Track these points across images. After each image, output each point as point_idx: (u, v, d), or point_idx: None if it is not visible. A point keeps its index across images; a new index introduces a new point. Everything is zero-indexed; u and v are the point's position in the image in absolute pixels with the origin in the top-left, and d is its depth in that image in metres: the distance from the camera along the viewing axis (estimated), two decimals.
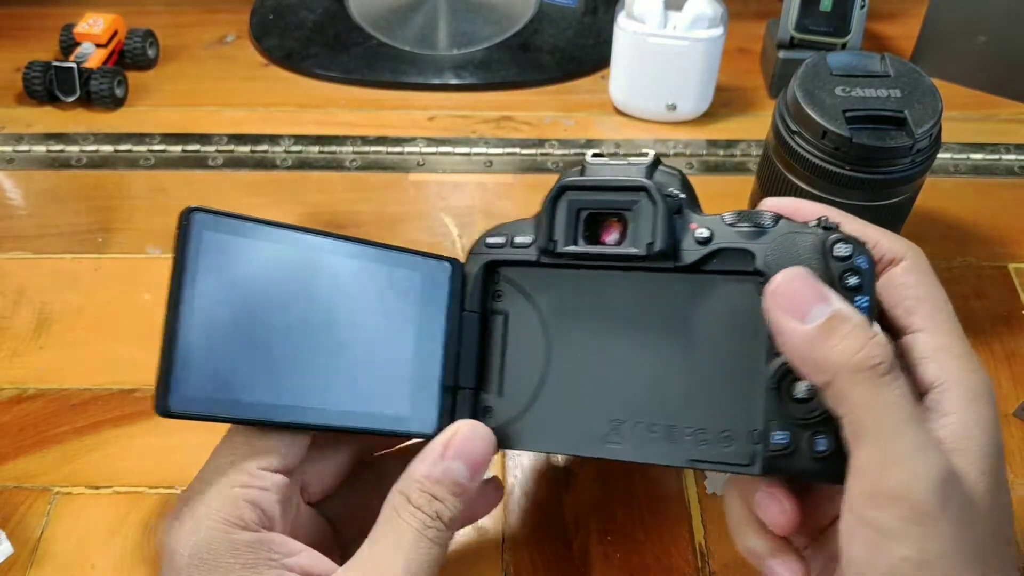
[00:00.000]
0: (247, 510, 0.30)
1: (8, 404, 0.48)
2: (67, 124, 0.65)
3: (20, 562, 0.42)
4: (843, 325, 0.27)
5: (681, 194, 0.34)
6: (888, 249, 0.32)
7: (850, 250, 0.30)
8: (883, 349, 0.27)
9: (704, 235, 0.32)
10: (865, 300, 0.30)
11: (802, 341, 0.28)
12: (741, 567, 0.42)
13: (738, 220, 0.32)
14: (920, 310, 0.31)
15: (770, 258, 0.31)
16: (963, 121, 0.66)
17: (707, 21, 0.60)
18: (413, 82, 0.69)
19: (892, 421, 0.26)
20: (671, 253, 0.33)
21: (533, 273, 0.36)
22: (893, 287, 0.31)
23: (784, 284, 0.28)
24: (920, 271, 0.32)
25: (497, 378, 0.36)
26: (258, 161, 0.63)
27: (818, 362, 0.27)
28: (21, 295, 0.53)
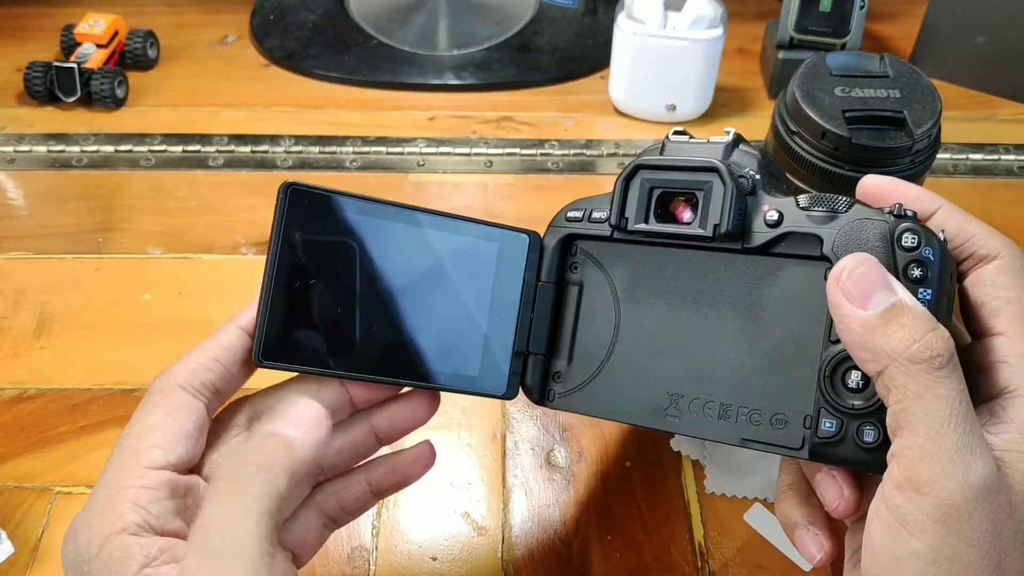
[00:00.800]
0: (129, 512, 0.29)
1: (9, 404, 0.48)
2: (68, 124, 0.65)
3: (21, 562, 0.42)
4: (904, 315, 0.27)
5: (756, 175, 0.34)
6: (982, 245, 0.31)
7: (917, 240, 0.29)
8: (943, 343, 0.27)
9: (774, 218, 0.32)
10: (928, 292, 0.29)
11: (861, 327, 0.27)
12: (741, 566, 0.42)
13: (812, 204, 0.32)
14: (1005, 312, 0.30)
15: (838, 244, 0.31)
16: (962, 121, 0.66)
17: (707, 21, 0.60)
18: (413, 82, 0.69)
19: (940, 415, 0.26)
20: (739, 235, 0.33)
21: (607, 247, 0.37)
22: (982, 285, 0.31)
23: (849, 269, 0.28)
24: (1013, 272, 0.30)
25: (568, 346, 0.38)
26: (259, 161, 0.63)
27: (875, 349, 0.27)
28: (22, 295, 0.54)
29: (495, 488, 0.45)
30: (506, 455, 0.46)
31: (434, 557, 0.42)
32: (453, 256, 0.36)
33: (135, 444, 0.30)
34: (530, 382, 0.38)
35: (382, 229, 0.35)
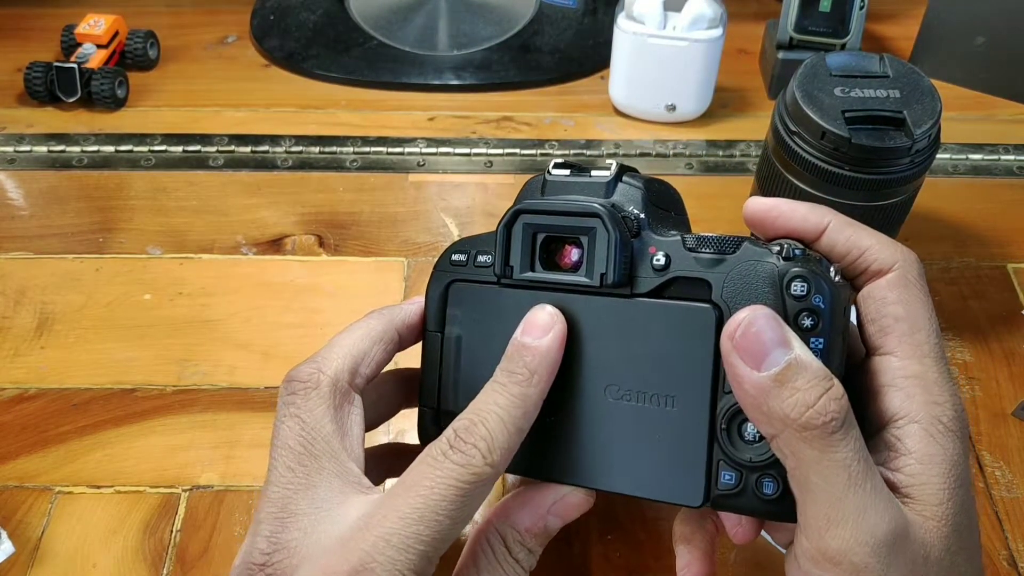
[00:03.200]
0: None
1: (9, 404, 0.48)
2: (68, 124, 0.65)
3: (21, 561, 0.42)
4: (798, 376, 0.26)
5: (641, 214, 0.32)
6: (876, 259, 0.30)
7: (807, 288, 0.28)
8: (836, 404, 0.26)
9: (661, 262, 0.31)
10: (820, 342, 0.28)
11: (755, 390, 0.26)
12: (740, 566, 0.42)
13: (699, 245, 0.30)
14: (895, 330, 0.29)
15: (727, 290, 0.29)
16: (962, 121, 0.66)
17: (706, 22, 0.60)
18: (413, 82, 0.69)
19: (838, 482, 0.25)
20: (625, 282, 0.31)
21: (494, 292, 0.34)
22: (873, 300, 0.30)
23: (743, 326, 0.27)
24: (904, 285, 0.29)
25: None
26: (259, 161, 0.63)
27: (768, 413, 0.26)
28: (22, 295, 0.54)
29: (495, 488, 0.45)
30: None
31: None
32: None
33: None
34: (423, 434, 0.36)
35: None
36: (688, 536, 0.33)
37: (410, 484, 0.28)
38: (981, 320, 0.53)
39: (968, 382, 0.50)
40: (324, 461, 0.30)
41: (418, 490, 0.28)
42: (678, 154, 0.64)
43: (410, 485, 0.28)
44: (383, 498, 0.29)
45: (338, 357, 0.32)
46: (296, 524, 0.29)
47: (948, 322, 0.53)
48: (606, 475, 0.32)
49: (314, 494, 0.29)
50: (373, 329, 0.34)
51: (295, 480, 0.30)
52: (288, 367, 0.50)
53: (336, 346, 0.33)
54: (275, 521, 0.29)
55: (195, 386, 0.49)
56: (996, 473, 0.46)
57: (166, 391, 0.49)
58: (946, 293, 0.54)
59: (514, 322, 0.32)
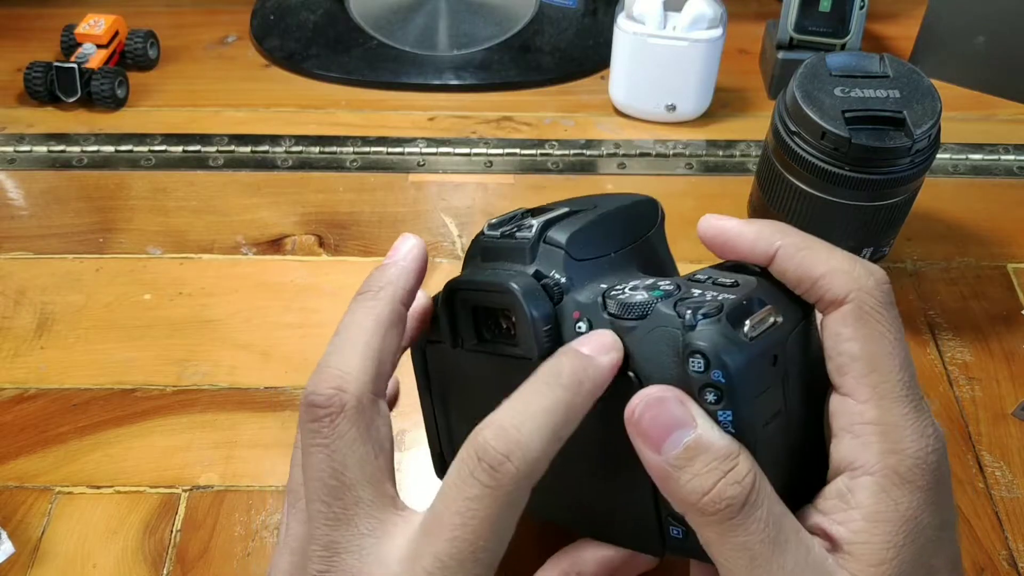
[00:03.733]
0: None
1: (9, 404, 0.48)
2: (68, 124, 0.65)
3: (21, 561, 0.42)
4: (696, 459, 0.25)
5: (562, 278, 0.30)
6: (829, 288, 0.27)
7: (704, 363, 0.26)
8: (735, 488, 0.25)
9: (583, 329, 0.30)
10: (728, 415, 0.26)
11: (657, 473, 0.26)
12: None
13: (620, 311, 0.29)
14: (852, 370, 0.27)
15: (639, 360, 0.28)
16: (962, 121, 0.66)
17: (707, 22, 0.60)
18: (413, 82, 0.69)
19: (740, 564, 0.25)
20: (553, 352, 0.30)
21: (455, 354, 0.34)
22: (829, 336, 0.28)
23: (639, 410, 0.26)
24: (859, 318, 0.27)
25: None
26: (259, 161, 0.63)
27: (673, 496, 0.26)
28: (22, 295, 0.54)
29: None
30: None
31: None
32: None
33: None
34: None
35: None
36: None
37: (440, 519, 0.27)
38: (981, 320, 0.53)
39: (968, 382, 0.50)
40: (359, 490, 0.28)
41: (450, 529, 0.26)
42: (678, 154, 0.64)
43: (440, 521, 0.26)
44: (419, 536, 0.27)
45: (357, 366, 0.29)
46: (342, 564, 0.28)
47: (948, 322, 0.53)
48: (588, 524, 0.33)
49: (355, 528, 0.28)
50: (381, 315, 0.31)
51: (333, 514, 0.28)
52: (288, 367, 0.50)
53: (349, 349, 0.30)
54: (323, 562, 0.28)
55: (195, 386, 0.49)
56: (996, 473, 0.46)
57: (166, 391, 0.49)
58: (946, 293, 0.54)
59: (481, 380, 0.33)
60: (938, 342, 0.52)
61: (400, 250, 0.33)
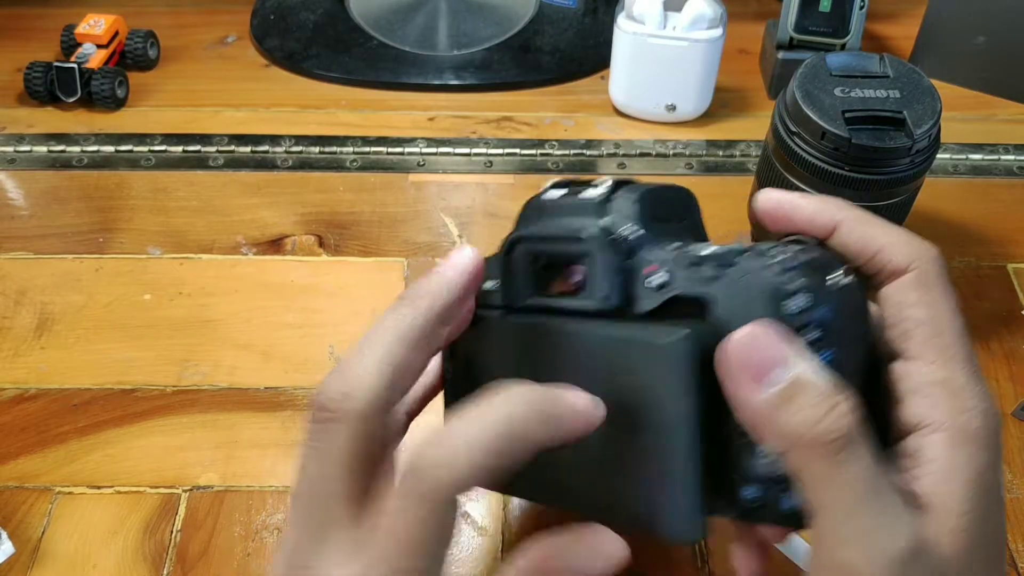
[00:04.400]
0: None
1: (9, 404, 0.48)
2: (68, 124, 0.65)
3: (21, 562, 0.42)
4: (801, 394, 0.25)
5: (639, 230, 0.30)
6: (892, 257, 0.28)
7: (808, 301, 0.26)
8: (844, 420, 0.25)
9: (660, 280, 0.29)
10: (829, 354, 0.26)
11: (756, 411, 0.26)
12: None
13: (699, 259, 0.29)
14: (917, 334, 0.28)
15: (727, 307, 0.28)
16: (962, 121, 0.66)
17: (707, 22, 0.60)
18: (413, 82, 0.69)
19: (848, 498, 0.25)
20: (624, 305, 0.30)
21: (504, 320, 0.34)
22: (891, 303, 0.28)
23: (738, 347, 0.26)
24: (924, 286, 0.28)
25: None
26: (259, 161, 0.63)
27: (774, 432, 0.26)
28: (22, 295, 0.54)
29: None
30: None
31: None
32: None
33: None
34: None
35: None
36: (741, 532, 0.33)
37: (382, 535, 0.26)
38: (981, 320, 0.53)
39: None
40: (338, 505, 0.27)
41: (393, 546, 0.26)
42: (678, 154, 0.64)
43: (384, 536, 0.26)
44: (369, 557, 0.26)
45: (370, 376, 0.28)
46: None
47: None
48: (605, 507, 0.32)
49: (325, 543, 0.27)
50: (411, 326, 0.29)
51: (308, 529, 0.28)
52: (288, 367, 0.51)
53: (367, 357, 0.29)
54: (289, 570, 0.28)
55: (195, 386, 0.49)
56: None
57: (166, 391, 0.49)
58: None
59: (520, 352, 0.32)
60: None
61: (453, 260, 0.32)
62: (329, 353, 0.51)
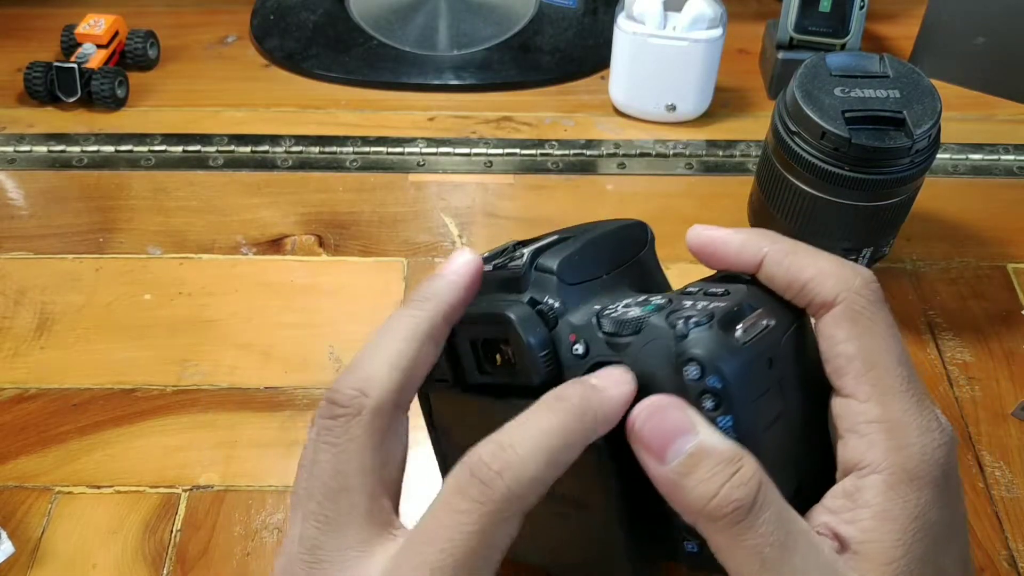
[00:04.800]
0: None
1: (9, 404, 0.48)
2: (68, 124, 0.65)
3: (21, 561, 0.42)
4: (701, 465, 0.25)
5: (555, 303, 0.31)
6: (819, 290, 0.28)
7: (700, 371, 0.26)
8: (741, 491, 0.25)
9: (580, 351, 0.30)
10: (728, 420, 0.26)
11: (662, 483, 0.26)
12: None
13: (615, 328, 0.29)
14: (849, 370, 0.27)
15: (638, 372, 0.28)
16: (962, 121, 0.66)
17: (707, 22, 0.60)
18: (413, 82, 0.69)
19: (754, 565, 0.25)
20: (556, 378, 0.30)
21: (456, 396, 0.34)
22: (824, 339, 0.28)
23: (640, 420, 0.26)
24: (851, 318, 0.27)
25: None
26: (259, 161, 0.63)
27: (680, 504, 0.26)
28: (22, 295, 0.54)
29: None
30: None
31: None
32: None
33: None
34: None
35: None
36: None
37: (427, 532, 0.26)
38: (981, 320, 0.53)
39: (968, 382, 0.50)
40: (356, 497, 0.28)
41: (437, 542, 0.25)
42: (678, 154, 0.64)
43: (427, 533, 0.26)
44: (404, 548, 0.26)
45: (383, 374, 0.29)
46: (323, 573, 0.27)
47: (948, 322, 0.53)
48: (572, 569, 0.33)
49: (342, 539, 0.27)
50: (419, 327, 0.30)
51: (324, 516, 0.28)
52: (288, 367, 0.51)
53: (379, 356, 0.29)
54: (305, 567, 0.28)
55: (195, 386, 0.49)
56: (996, 473, 0.46)
57: (166, 391, 0.49)
58: (946, 293, 0.54)
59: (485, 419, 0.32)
60: (938, 342, 0.52)
61: (454, 263, 0.32)
62: (329, 353, 0.51)
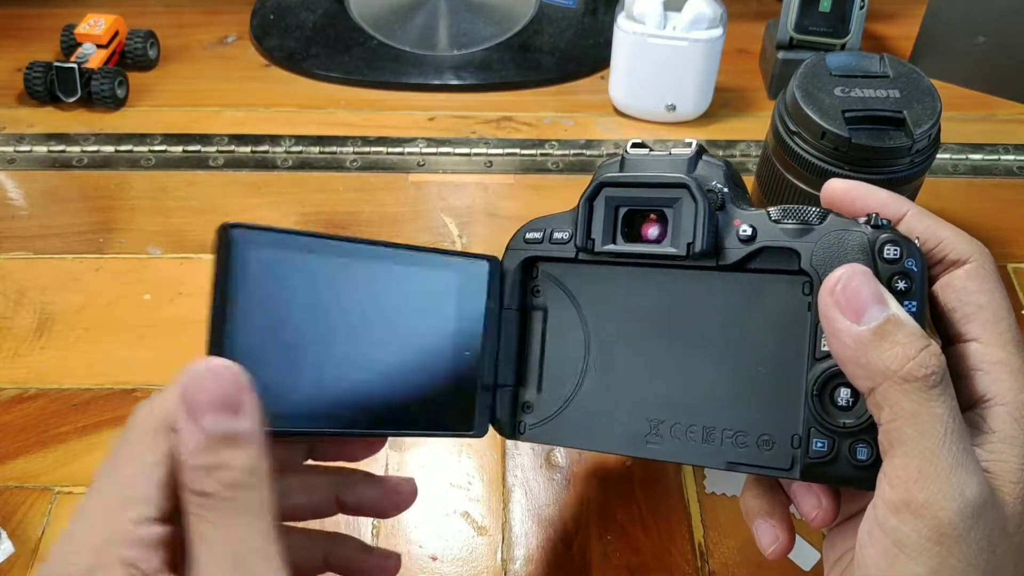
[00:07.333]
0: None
1: (9, 404, 0.48)
2: (68, 124, 0.65)
3: (21, 561, 0.42)
4: (898, 331, 0.27)
5: (725, 188, 0.32)
6: (953, 249, 0.30)
7: (899, 252, 0.29)
8: (936, 360, 0.26)
9: (747, 233, 0.31)
10: (913, 305, 0.28)
11: (854, 342, 0.27)
12: (740, 566, 0.42)
13: (783, 216, 0.31)
14: (978, 318, 0.29)
15: (816, 257, 0.30)
16: (962, 121, 0.66)
17: (706, 22, 0.60)
18: (413, 82, 0.69)
19: (935, 435, 0.26)
20: (713, 252, 0.32)
21: (572, 269, 0.35)
22: (953, 291, 0.30)
23: (843, 281, 0.27)
24: (983, 276, 0.30)
25: (537, 374, 0.36)
26: (259, 161, 0.63)
27: (868, 366, 0.27)
28: (22, 295, 0.54)
29: (495, 488, 0.45)
30: (506, 455, 0.46)
31: (434, 557, 0.42)
32: (411, 292, 0.33)
33: (117, 493, 0.26)
34: (500, 416, 0.36)
35: (333, 269, 0.31)
36: (768, 510, 0.33)
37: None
38: None
39: None
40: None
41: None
42: None
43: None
44: None
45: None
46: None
47: None
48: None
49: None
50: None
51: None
52: None
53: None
54: None
55: None
56: None
57: None
58: None
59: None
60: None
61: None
62: None
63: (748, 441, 0.32)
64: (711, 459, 0.33)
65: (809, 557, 0.42)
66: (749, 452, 0.32)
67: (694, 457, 0.33)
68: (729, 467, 0.32)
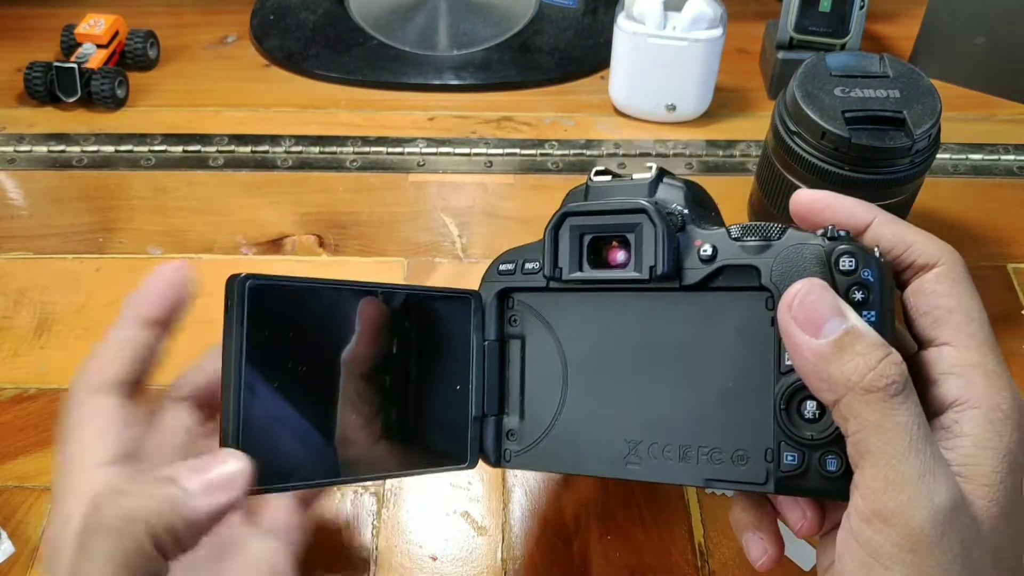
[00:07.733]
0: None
1: (9, 404, 0.48)
2: (68, 124, 0.65)
3: (21, 561, 0.42)
4: (857, 342, 0.27)
5: (684, 209, 0.33)
6: (922, 253, 0.30)
7: (855, 263, 0.29)
8: (896, 368, 0.26)
9: (708, 253, 0.32)
10: (872, 315, 0.28)
11: (815, 356, 0.27)
12: (740, 566, 0.42)
13: (744, 234, 0.32)
14: (949, 321, 0.29)
15: (776, 273, 0.30)
16: (962, 121, 0.66)
17: (706, 22, 0.60)
18: (413, 82, 0.69)
19: (900, 444, 0.26)
20: (675, 274, 0.33)
21: (546, 297, 0.36)
22: (923, 295, 0.30)
23: (799, 296, 0.28)
24: (953, 279, 0.30)
25: (518, 402, 0.37)
26: (259, 161, 0.63)
27: (830, 379, 0.27)
28: (22, 295, 0.54)
29: (495, 488, 0.45)
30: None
31: (434, 557, 0.42)
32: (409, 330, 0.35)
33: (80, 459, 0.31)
34: (485, 445, 0.37)
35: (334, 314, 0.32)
36: (755, 523, 0.33)
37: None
38: None
39: None
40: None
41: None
42: (678, 154, 0.64)
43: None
44: None
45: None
46: None
47: None
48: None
49: None
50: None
51: None
52: None
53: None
54: None
55: None
56: None
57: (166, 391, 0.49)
58: None
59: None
60: None
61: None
62: None
63: (723, 457, 0.32)
64: (689, 477, 0.33)
65: (809, 557, 0.42)
66: (725, 468, 0.32)
67: (673, 476, 0.33)
68: (707, 484, 0.32)
